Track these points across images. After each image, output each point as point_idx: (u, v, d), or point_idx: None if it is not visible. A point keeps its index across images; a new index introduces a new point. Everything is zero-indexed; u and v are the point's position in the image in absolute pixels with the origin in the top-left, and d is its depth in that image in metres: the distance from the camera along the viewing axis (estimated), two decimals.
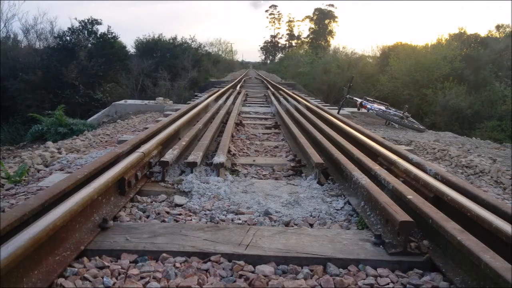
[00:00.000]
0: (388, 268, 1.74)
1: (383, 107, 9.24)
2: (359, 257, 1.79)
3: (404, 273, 1.71)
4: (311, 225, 2.24)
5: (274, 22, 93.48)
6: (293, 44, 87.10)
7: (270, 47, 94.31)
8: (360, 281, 1.63)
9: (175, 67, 23.74)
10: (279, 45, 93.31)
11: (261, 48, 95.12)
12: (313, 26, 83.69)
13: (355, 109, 9.91)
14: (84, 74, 19.00)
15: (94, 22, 21.78)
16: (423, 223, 1.91)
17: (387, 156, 3.10)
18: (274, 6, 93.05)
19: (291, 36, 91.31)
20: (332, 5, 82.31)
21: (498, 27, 37.48)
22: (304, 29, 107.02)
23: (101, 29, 22.09)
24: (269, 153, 4.31)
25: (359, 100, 9.74)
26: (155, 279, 1.58)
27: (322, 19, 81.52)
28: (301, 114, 6.39)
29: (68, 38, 21.00)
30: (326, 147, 3.58)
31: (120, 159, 2.65)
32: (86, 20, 21.63)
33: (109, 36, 22.15)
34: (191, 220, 2.23)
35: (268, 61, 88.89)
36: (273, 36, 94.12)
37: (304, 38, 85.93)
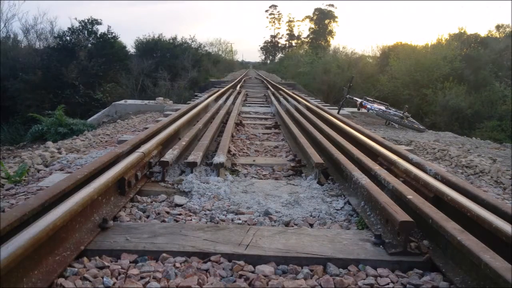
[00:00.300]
0: (388, 268, 1.74)
1: (383, 107, 9.24)
2: (359, 257, 1.79)
3: (404, 273, 1.71)
4: (311, 225, 2.24)
5: (274, 22, 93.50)
6: (293, 44, 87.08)
7: (270, 47, 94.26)
8: (360, 281, 1.63)
9: (175, 67, 23.74)
10: (279, 45, 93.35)
11: (261, 48, 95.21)
12: (313, 26, 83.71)
13: (355, 109, 9.91)
14: (84, 74, 19.01)
15: (94, 22, 21.80)
16: (423, 223, 1.91)
17: (387, 156, 3.10)
18: (274, 6, 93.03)
19: (291, 36, 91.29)
20: (332, 5, 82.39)
21: (498, 27, 37.52)
22: (304, 29, 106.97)
23: (101, 29, 22.17)
24: (269, 153, 4.31)
25: (359, 100, 9.73)
26: (155, 279, 1.58)
27: (322, 19, 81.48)
28: (301, 114, 6.39)
29: (68, 38, 21.03)
30: (326, 147, 3.58)
31: (120, 159, 2.65)
32: (86, 20, 21.69)
33: (109, 36, 22.17)
34: (191, 220, 2.23)
35: (268, 61, 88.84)
36: (273, 36, 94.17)
37: (304, 38, 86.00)
